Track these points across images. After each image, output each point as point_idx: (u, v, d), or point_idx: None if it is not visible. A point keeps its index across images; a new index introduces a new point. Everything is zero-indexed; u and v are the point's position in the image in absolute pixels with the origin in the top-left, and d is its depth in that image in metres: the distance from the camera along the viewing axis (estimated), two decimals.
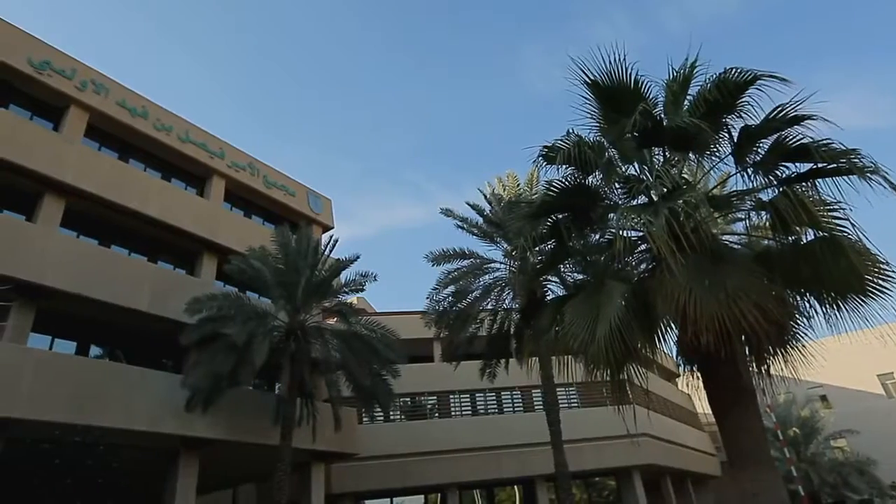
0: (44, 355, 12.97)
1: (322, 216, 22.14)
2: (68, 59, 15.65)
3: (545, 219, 8.99)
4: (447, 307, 17.76)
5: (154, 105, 17.52)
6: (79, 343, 15.09)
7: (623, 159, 8.79)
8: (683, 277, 6.81)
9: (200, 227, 17.17)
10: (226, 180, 19.13)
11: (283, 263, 15.94)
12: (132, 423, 13.00)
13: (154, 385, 13.97)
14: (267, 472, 15.58)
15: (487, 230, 18.03)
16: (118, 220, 15.92)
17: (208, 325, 14.33)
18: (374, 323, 16.94)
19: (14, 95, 14.91)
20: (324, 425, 16.33)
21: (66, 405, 11.99)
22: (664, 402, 29.35)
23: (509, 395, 25.19)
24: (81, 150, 15.21)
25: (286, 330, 15.49)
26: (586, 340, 7.41)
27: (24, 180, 13.86)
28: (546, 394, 16.45)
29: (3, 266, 11.69)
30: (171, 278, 16.32)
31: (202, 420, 14.28)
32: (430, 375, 24.21)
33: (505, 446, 23.10)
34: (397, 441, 22.51)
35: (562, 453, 15.66)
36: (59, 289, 13.05)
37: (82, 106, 15.65)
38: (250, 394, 16.39)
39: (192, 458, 14.82)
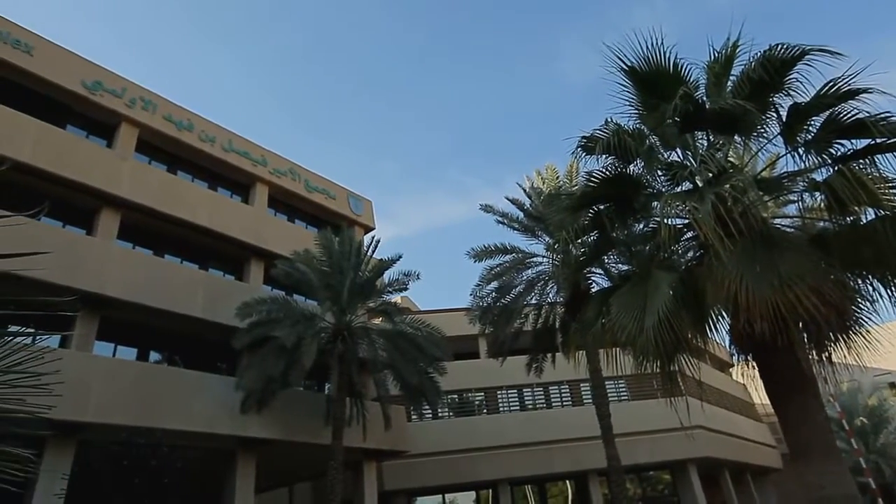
0: (108, 362, 13.68)
1: (363, 217, 22.43)
2: (118, 79, 16.35)
3: (587, 210, 8.85)
4: (491, 303, 17.73)
5: (198, 117, 18.12)
6: (139, 349, 15.78)
7: (665, 146, 8.57)
8: (733, 264, 6.59)
9: (247, 233, 17.68)
10: (269, 186, 19.63)
11: (327, 266, 16.24)
12: (191, 425, 13.54)
13: (210, 388, 14.49)
14: (321, 470, 15.93)
15: (528, 224, 17.89)
16: (170, 230, 16.56)
17: (258, 328, 14.75)
18: (418, 321, 17.07)
19: (70, 116, 15.69)
20: (374, 424, 16.56)
21: (131, 409, 12.60)
22: (718, 393, 28.49)
23: (557, 390, 24.96)
24: (133, 165, 15.89)
25: (333, 331, 15.78)
26: (634, 332, 7.25)
27: (82, 196, 14.57)
28: (595, 387, 16.22)
29: (68, 278, 12.31)
30: (221, 284, 16.87)
31: (257, 421, 14.73)
32: (476, 372, 24.22)
33: (555, 441, 22.91)
34: (447, 438, 22.63)
35: (613, 447, 15.42)
36: (118, 298, 13.67)
37: (132, 122, 16.33)
38: (301, 394, 16.79)
39: (248, 457, 15.30)
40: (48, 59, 14.88)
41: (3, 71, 14.37)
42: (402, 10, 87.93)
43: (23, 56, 14.40)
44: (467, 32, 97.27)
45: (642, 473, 25.68)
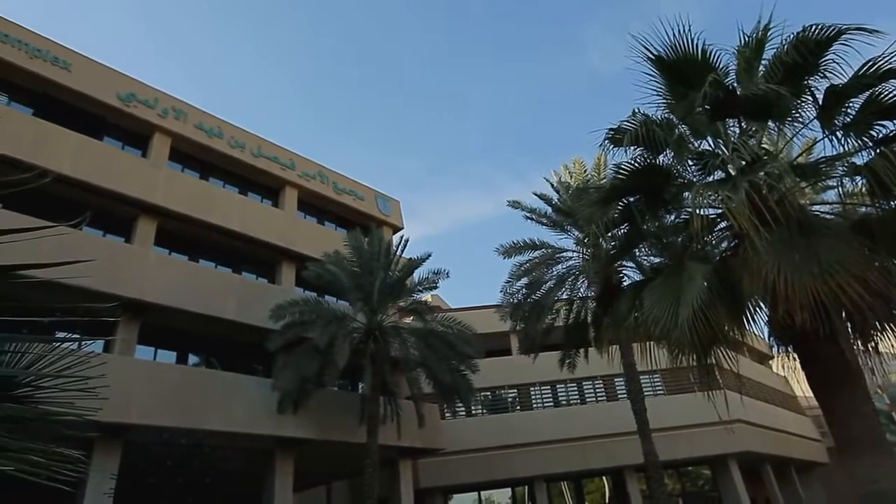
0: (149, 366, 14.10)
1: (391, 217, 22.58)
2: (150, 90, 16.81)
3: (616, 203, 8.73)
4: (521, 299, 17.65)
5: (227, 124, 18.50)
6: (178, 353, 16.20)
7: (695, 134, 8.39)
8: (770, 253, 6.41)
9: (278, 236, 17.99)
10: (298, 190, 19.92)
11: (357, 266, 16.40)
12: (230, 426, 13.86)
13: (247, 389, 14.80)
14: (357, 469, 16.12)
15: (557, 219, 17.75)
16: (204, 235, 16.95)
17: (292, 330, 15.00)
18: (449, 319, 17.11)
19: (107, 128, 16.20)
20: (408, 422, 16.68)
21: (172, 411, 12.97)
22: (758, 386, 27.79)
23: (591, 385, 24.72)
24: (167, 174, 16.32)
25: (365, 331, 15.93)
26: (668, 325, 7.13)
27: (120, 205, 15.03)
28: (629, 382, 16.01)
29: (109, 285, 12.72)
30: (254, 287, 17.20)
31: (293, 421, 14.98)
32: (508, 369, 24.16)
33: (590, 437, 22.70)
34: (481, 435, 22.65)
35: (650, 442, 15.20)
36: (157, 303, 14.06)
37: (165, 132, 16.77)
38: (336, 394, 17.01)
39: (286, 457, 15.58)
40: (85, 74, 15.39)
41: (44, 87, 14.94)
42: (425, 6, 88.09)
43: (62, 72, 14.94)
44: (490, 27, 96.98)
45: (681, 469, 25.23)
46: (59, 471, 1.53)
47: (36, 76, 14.63)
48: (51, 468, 1.50)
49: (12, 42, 14.31)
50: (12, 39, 14.33)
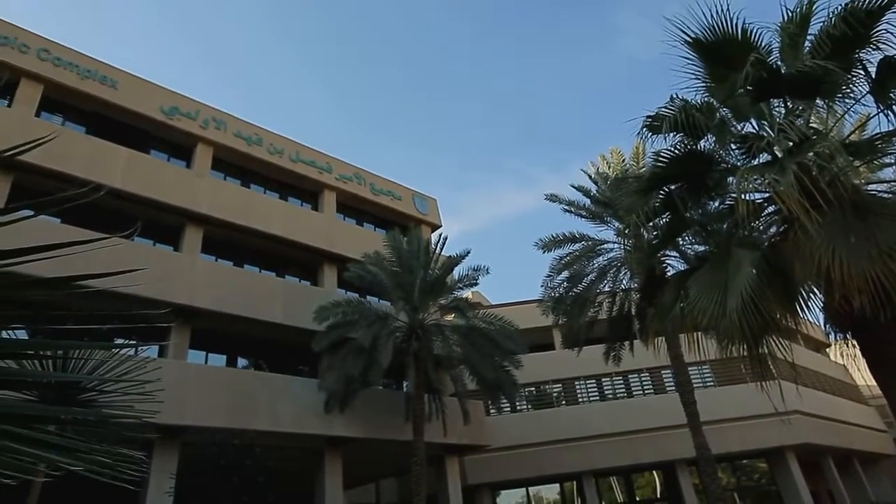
0: (202, 369, 14.61)
1: (429, 216, 22.68)
2: (191, 102, 17.36)
3: (656, 192, 8.54)
4: (563, 293, 17.48)
5: (265, 131, 18.94)
6: (228, 356, 16.71)
7: (737, 117, 8.12)
8: (823, 237, 6.16)
9: (318, 239, 18.32)
10: (336, 193, 20.23)
11: (397, 266, 16.55)
12: (279, 426, 14.22)
13: (295, 390, 15.15)
14: (405, 466, 16.29)
15: (596, 211, 17.48)
16: (247, 241, 17.41)
17: (335, 330, 15.25)
18: (491, 315, 17.09)
19: (152, 141, 16.83)
20: (453, 419, 16.74)
21: (224, 412, 13.39)
22: (815, 376, 26.71)
23: (637, 378, 24.27)
24: (211, 182, 16.84)
25: (407, 329, 16.07)
26: (716, 315, 6.94)
27: (167, 215, 15.59)
28: (677, 374, 15.66)
29: (161, 292, 13.22)
30: (298, 290, 17.57)
31: (340, 420, 15.25)
32: (552, 363, 23.95)
33: (638, 430, 22.29)
34: (527, 431, 22.54)
35: (701, 435, 14.82)
36: (206, 308, 14.53)
37: (207, 142, 17.30)
38: (381, 393, 17.21)
39: (335, 455, 15.87)
40: (130, 91, 16.02)
41: (94, 106, 15.63)
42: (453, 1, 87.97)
43: (110, 90, 15.59)
44: (517, 16, 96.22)
45: (735, 462, 24.48)
46: (123, 471, 1.61)
47: (87, 96, 15.32)
48: (116, 468, 1.57)
49: (64, 65, 15.01)
50: (64, 62, 15.03)
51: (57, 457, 1.41)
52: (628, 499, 24.03)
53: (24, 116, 13.98)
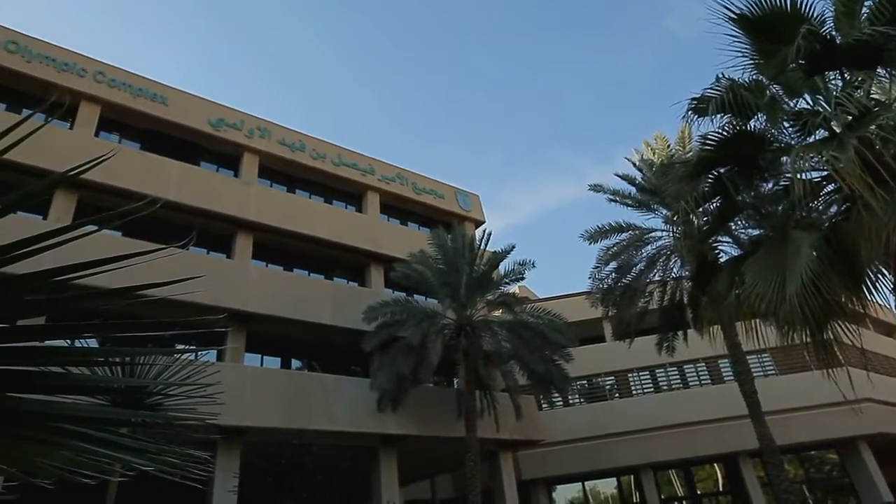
0: (258, 372, 15.09)
1: (472, 212, 22.68)
2: (236, 113, 17.93)
3: (705, 176, 8.28)
4: (611, 284, 17.17)
5: (308, 137, 19.37)
6: (282, 359, 17.19)
7: (789, 93, 7.77)
8: (889, 214, 5.83)
9: (364, 240, 18.61)
10: (379, 194, 20.49)
11: (442, 264, 16.63)
12: (334, 425, 14.53)
13: (348, 390, 15.46)
14: (459, 462, 16.37)
15: (642, 199, 17.09)
16: (295, 245, 17.86)
17: (385, 330, 15.46)
18: (539, 309, 16.96)
19: (201, 153, 17.48)
20: (505, 415, 16.72)
21: (281, 413, 13.80)
22: (887, 361, 25.29)
23: (693, 368, 23.59)
24: (258, 190, 17.35)
25: (455, 326, 16.12)
26: (775, 300, 6.66)
27: (219, 224, 16.15)
28: (735, 363, 15.14)
29: (217, 299, 13.70)
30: (346, 291, 17.90)
31: (393, 418, 15.46)
32: (604, 356, 23.56)
33: (697, 422, 21.66)
34: (581, 424, 22.26)
35: (764, 426, 14.28)
36: (259, 313, 14.99)
37: (253, 151, 17.84)
38: (432, 390, 17.35)
39: (389, 453, 16.11)
40: (179, 106, 16.68)
41: (146, 123, 16.37)
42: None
43: (160, 107, 16.29)
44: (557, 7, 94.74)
45: (802, 454, 23.46)
46: (191, 470, 1.68)
47: (140, 113, 16.05)
48: (185, 468, 1.65)
49: (118, 85, 15.77)
50: (118, 83, 15.79)
51: (130, 457, 1.50)
52: (689, 492, 23.40)
53: (84, 137, 14.75)
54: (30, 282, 1.32)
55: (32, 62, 14.66)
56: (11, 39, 14.61)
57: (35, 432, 1.42)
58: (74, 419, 1.45)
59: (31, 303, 1.37)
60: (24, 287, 1.32)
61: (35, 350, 1.40)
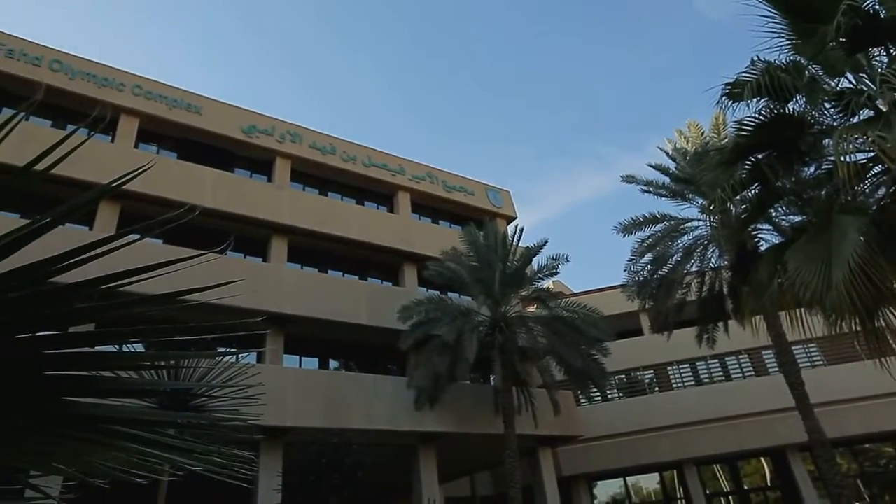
0: (297, 373, 15.36)
1: (504, 208, 22.60)
2: (268, 119, 18.28)
3: (742, 163, 8.05)
4: (647, 276, 16.87)
5: (338, 140, 19.61)
6: (320, 359, 17.46)
7: (830, 73, 7.48)
8: None
9: (396, 240, 18.74)
10: (410, 193, 20.60)
11: (475, 261, 16.61)
12: (373, 424, 14.69)
13: (385, 389, 15.60)
14: (498, 459, 16.35)
15: (676, 188, 16.72)
16: (329, 247, 18.10)
17: (420, 328, 15.54)
18: (574, 304, 16.81)
19: (235, 160, 17.88)
20: (543, 411, 16.61)
21: (321, 412, 14.02)
22: None
23: (735, 360, 22.99)
24: (291, 194, 17.65)
25: (490, 323, 16.09)
26: (821, 289, 6.44)
27: (254, 228, 16.49)
28: (780, 354, 14.68)
29: (254, 302, 13.96)
30: (380, 291, 18.06)
31: (431, 416, 15.54)
32: (642, 349, 23.18)
33: (741, 415, 21.10)
34: (621, 419, 21.97)
35: (813, 418, 13.80)
36: (296, 315, 15.25)
37: (285, 156, 18.16)
38: (469, 388, 17.37)
39: (428, 450, 16.20)
40: (212, 115, 17.10)
41: (182, 132, 16.83)
42: None
43: (195, 116, 16.73)
44: None
45: (856, 447, 22.60)
46: (237, 470, 1.73)
47: (176, 124, 16.52)
48: (231, 467, 1.70)
49: (155, 97, 16.26)
50: (155, 95, 16.28)
51: (179, 458, 1.56)
52: (735, 487, 22.83)
53: (125, 149, 15.27)
54: (79, 290, 1.37)
55: (75, 79, 15.25)
56: (55, 59, 15.22)
57: (90, 434, 1.48)
58: (126, 421, 1.51)
59: (80, 310, 1.43)
60: (73, 296, 1.37)
61: (86, 356, 1.45)
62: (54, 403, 1.44)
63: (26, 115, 1.21)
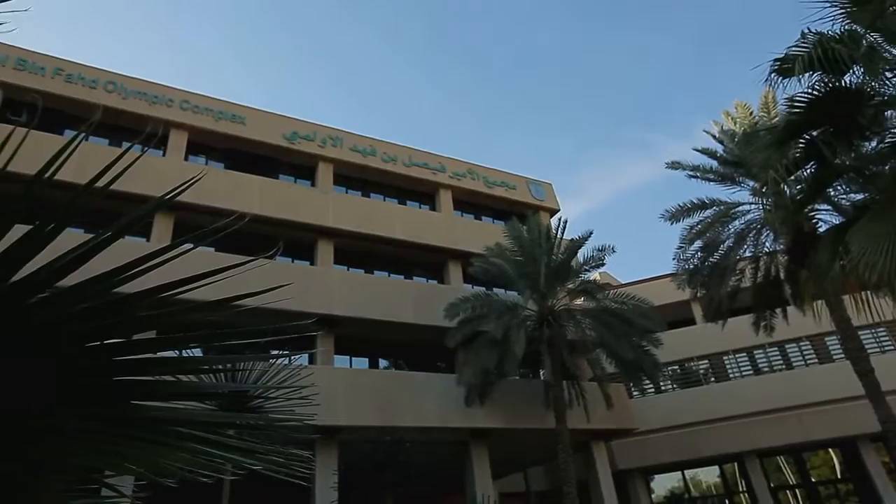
0: (348, 373, 15.66)
1: (546, 202, 22.39)
2: (309, 125, 18.68)
3: (795, 141, 7.71)
4: (698, 264, 16.39)
5: (378, 141, 19.85)
6: (370, 359, 17.73)
7: (890, 40, 7.07)
8: None
9: (440, 238, 18.83)
10: (451, 190, 20.65)
11: (520, 255, 16.52)
12: (424, 421, 14.82)
13: (435, 386, 15.71)
14: (551, 454, 16.22)
15: (725, 172, 16.14)
16: (374, 248, 18.35)
17: (467, 325, 15.56)
18: (622, 295, 16.50)
19: (279, 167, 18.35)
20: (595, 404, 16.38)
21: (373, 411, 14.25)
22: None
23: (796, 347, 22.06)
24: (335, 197, 17.99)
25: (537, 317, 15.97)
26: (888, 270, 6.11)
27: (300, 232, 16.88)
28: (845, 340, 13.97)
29: (304, 304, 14.30)
30: (426, 290, 18.19)
31: (481, 412, 15.55)
32: (695, 339, 22.54)
33: (805, 405, 20.25)
34: (677, 411, 21.44)
35: (885, 407, 13.08)
36: (344, 316, 15.52)
37: (327, 160, 18.52)
38: (519, 383, 17.29)
39: (480, 446, 16.22)
40: (256, 124, 17.59)
41: (228, 143, 17.39)
42: None
43: (239, 127, 17.27)
44: None
45: None
46: (295, 468, 1.78)
47: (222, 135, 17.09)
48: (289, 466, 1.75)
49: (202, 111, 16.86)
50: (202, 109, 16.88)
51: (240, 457, 1.62)
52: (801, 480, 21.91)
53: (175, 162, 15.89)
54: (141, 299, 1.44)
55: (128, 98, 15.97)
56: (109, 80, 15.98)
57: (158, 436, 1.56)
58: (190, 423, 1.58)
59: (143, 318, 1.50)
60: (136, 304, 1.44)
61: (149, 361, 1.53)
62: (124, 407, 1.52)
63: (86, 135, 1.28)
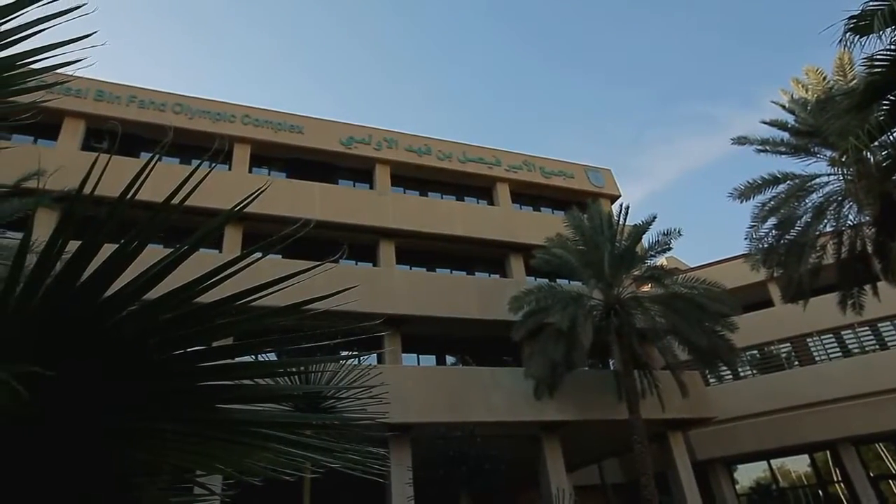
0: (416, 370, 15.91)
1: (606, 188, 21.87)
2: (364, 129, 19.06)
3: (878, 104, 7.18)
4: (773, 242, 15.54)
5: (432, 140, 20.00)
6: (437, 356, 17.91)
7: None
8: None
9: (499, 232, 18.77)
10: (508, 184, 20.54)
11: (582, 244, 16.22)
12: (494, 416, 14.83)
13: (503, 380, 15.70)
14: (625, 445, 15.87)
15: (798, 143, 15.19)
16: (434, 246, 18.52)
17: (532, 318, 15.43)
18: (692, 279, 15.90)
19: (337, 172, 18.84)
20: (669, 393, 15.87)
21: (443, 407, 14.39)
22: None
23: (890, 326, 20.53)
24: (393, 198, 18.28)
25: (603, 307, 15.64)
26: None
27: (361, 235, 17.26)
28: None
29: (370, 305, 14.65)
30: (489, 284, 18.18)
31: (552, 405, 15.40)
32: (774, 321, 21.39)
33: None
34: (757, 398, 20.43)
35: None
36: (409, 315, 15.76)
37: (383, 162, 18.84)
38: (588, 374, 17.00)
39: (552, 439, 16.07)
40: (313, 133, 18.14)
41: (288, 152, 18.03)
42: None
43: (297, 136, 17.87)
44: None
45: None
46: (371, 466, 1.83)
47: (282, 145, 17.75)
48: (366, 464, 1.80)
49: (262, 124, 17.55)
50: (262, 122, 17.58)
51: (319, 456, 1.68)
52: None
53: (240, 175, 16.62)
54: (218, 308, 1.51)
55: (194, 118, 16.85)
56: (176, 102, 16.92)
57: (242, 437, 1.64)
58: (270, 424, 1.65)
59: (220, 326, 1.58)
60: (214, 313, 1.52)
61: (229, 366, 1.61)
62: (209, 410, 1.61)
63: (160, 157, 1.36)
